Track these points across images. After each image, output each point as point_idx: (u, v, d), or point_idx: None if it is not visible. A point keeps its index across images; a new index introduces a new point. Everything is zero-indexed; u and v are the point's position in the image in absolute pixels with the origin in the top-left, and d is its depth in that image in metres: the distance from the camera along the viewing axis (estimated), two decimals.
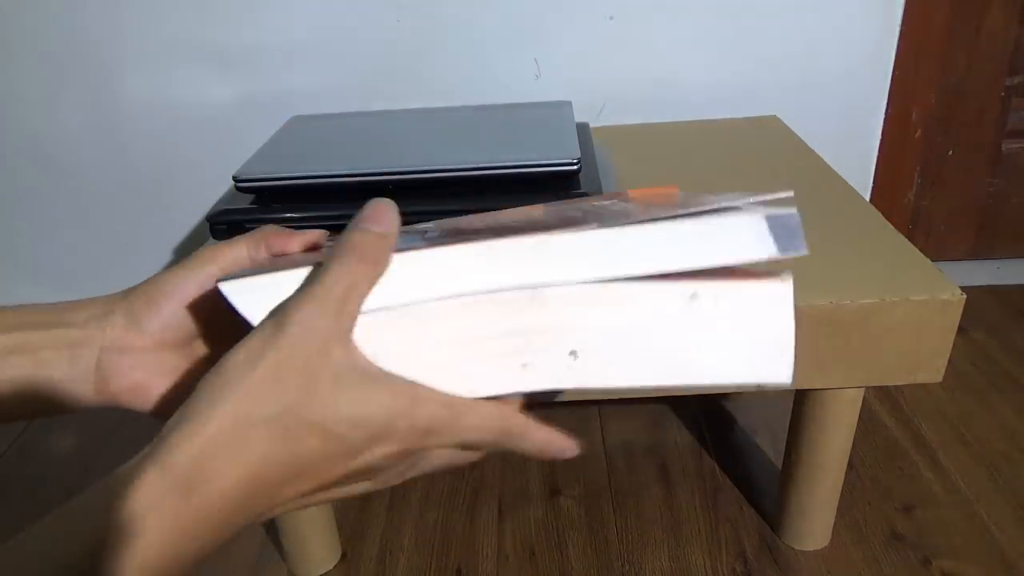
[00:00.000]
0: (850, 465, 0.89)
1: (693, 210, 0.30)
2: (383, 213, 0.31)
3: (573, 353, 0.31)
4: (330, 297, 0.28)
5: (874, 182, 1.16)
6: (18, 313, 0.34)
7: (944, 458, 0.91)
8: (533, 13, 1.04)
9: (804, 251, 0.30)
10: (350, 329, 0.28)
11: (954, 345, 0.61)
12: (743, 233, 0.30)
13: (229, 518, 0.27)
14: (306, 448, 0.27)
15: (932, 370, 0.62)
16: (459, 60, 1.08)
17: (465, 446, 0.31)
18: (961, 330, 1.13)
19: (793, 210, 0.30)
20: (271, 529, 0.86)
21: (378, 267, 0.29)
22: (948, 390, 1.01)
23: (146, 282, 0.35)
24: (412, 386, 0.29)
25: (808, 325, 0.60)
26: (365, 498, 0.90)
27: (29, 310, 0.35)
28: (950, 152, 1.17)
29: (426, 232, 0.36)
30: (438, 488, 0.91)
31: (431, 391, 0.29)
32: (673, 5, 1.03)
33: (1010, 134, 1.16)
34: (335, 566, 0.81)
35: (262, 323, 0.28)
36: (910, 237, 1.26)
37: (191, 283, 0.34)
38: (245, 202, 0.67)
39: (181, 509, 0.25)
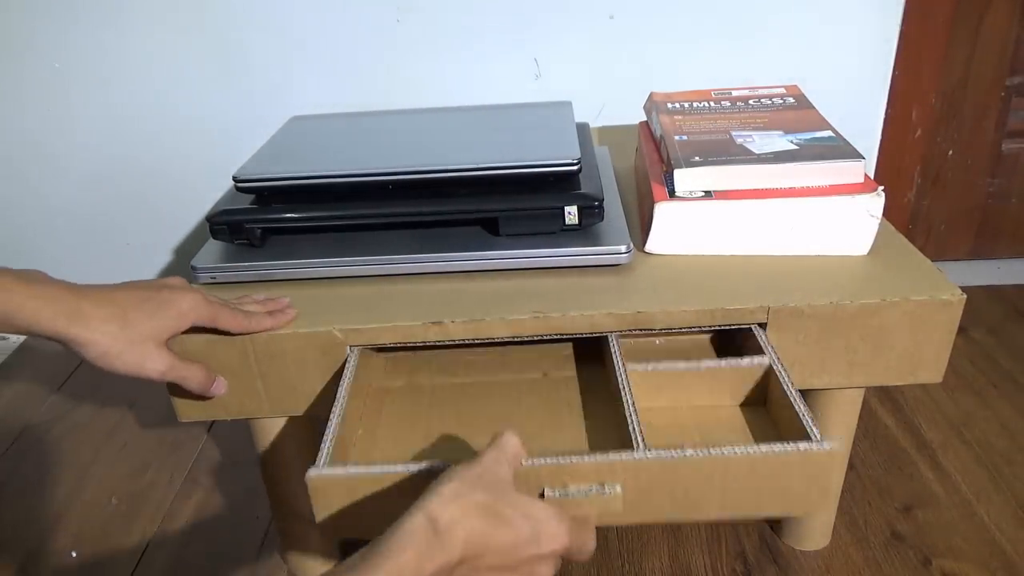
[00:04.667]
0: (850, 465, 0.89)
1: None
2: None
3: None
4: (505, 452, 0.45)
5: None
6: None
7: (944, 458, 0.91)
8: (533, 13, 1.04)
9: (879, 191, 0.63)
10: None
11: (954, 345, 0.61)
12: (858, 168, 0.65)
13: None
14: (503, 531, 0.40)
15: (932, 370, 0.62)
16: (459, 60, 1.08)
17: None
18: (961, 330, 1.13)
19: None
20: (271, 529, 0.86)
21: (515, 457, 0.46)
22: (948, 390, 1.01)
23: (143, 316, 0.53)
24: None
25: (808, 325, 0.60)
26: None
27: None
28: (950, 152, 1.17)
29: None
30: None
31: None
32: (673, 5, 1.03)
33: (1010, 134, 1.16)
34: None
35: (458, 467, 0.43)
36: (910, 237, 1.26)
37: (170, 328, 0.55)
38: (245, 202, 0.67)
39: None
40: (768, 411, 0.58)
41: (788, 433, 0.52)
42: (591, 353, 0.65)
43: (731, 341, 0.65)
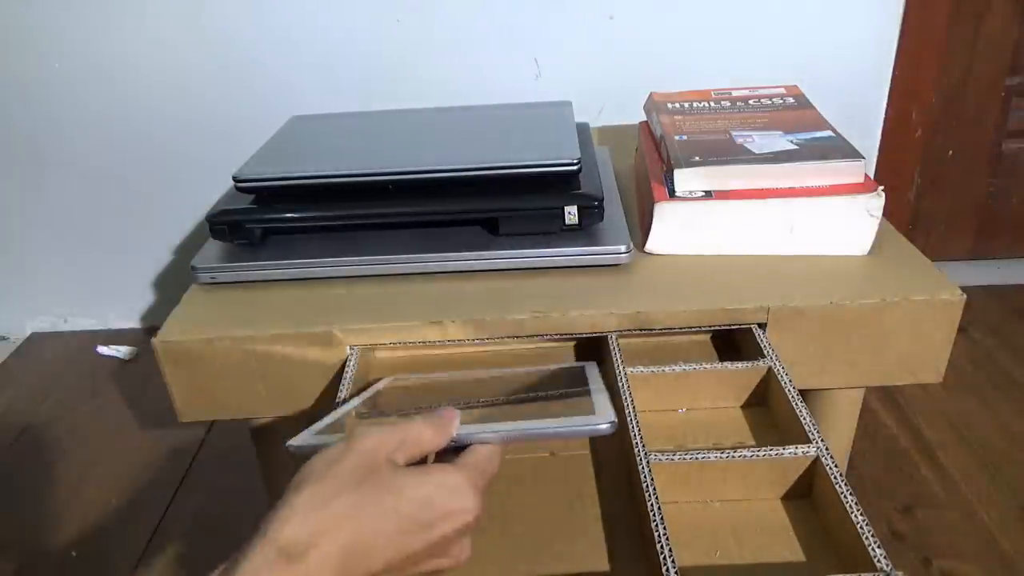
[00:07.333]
0: (850, 465, 0.89)
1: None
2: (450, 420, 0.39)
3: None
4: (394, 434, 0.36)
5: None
6: None
7: (944, 458, 0.91)
8: (533, 13, 1.04)
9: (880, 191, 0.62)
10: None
11: (954, 345, 0.61)
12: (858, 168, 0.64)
13: None
14: (383, 525, 0.33)
15: (932, 370, 0.62)
16: (459, 60, 1.08)
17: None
18: (961, 330, 1.13)
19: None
20: None
21: (438, 436, 0.38)
22: (948, 390, 1.01)
23: None
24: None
25: (808, 325, 0.60)
26: None
27: None
28: (950, 152, 1.17)
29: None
30: None
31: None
32: (673, 5, 1.03)
33: (1010, 134, 1.16)
34: None
35: (336, 443, 0.36)
36: (910, 237, 1.26)
37: None
38: (245, 202, 0.67)
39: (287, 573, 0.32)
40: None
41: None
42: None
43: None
